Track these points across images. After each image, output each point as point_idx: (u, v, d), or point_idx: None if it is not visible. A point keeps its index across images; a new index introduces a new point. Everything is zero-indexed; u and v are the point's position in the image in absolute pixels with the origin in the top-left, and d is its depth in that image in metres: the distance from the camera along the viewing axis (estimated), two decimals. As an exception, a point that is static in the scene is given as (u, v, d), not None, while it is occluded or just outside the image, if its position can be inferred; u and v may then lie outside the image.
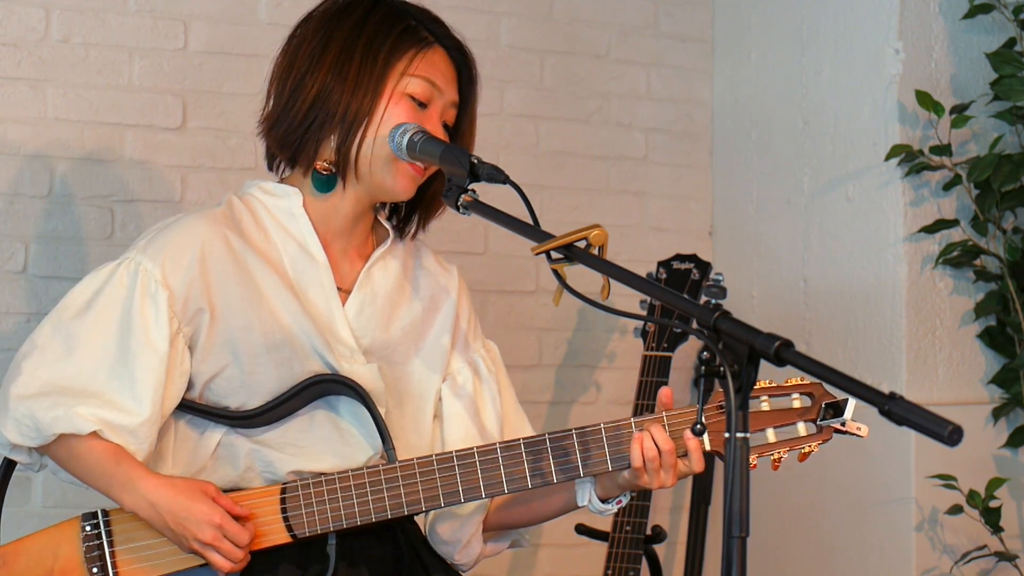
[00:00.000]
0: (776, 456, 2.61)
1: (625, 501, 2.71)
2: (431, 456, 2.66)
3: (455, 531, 2.81)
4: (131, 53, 3.64)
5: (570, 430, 2.64)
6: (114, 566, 2.66)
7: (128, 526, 2.67)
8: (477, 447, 2.66)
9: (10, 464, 2.76)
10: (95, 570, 2.67)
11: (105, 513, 2.68)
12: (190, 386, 2.71)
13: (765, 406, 2.63)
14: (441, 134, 2.74)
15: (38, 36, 3.55)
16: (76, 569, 2.67)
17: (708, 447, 2.62)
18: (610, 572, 3.75)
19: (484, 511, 2.82)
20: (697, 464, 2.61)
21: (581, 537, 3.92)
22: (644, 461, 2.59)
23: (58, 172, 3.56)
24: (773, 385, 2.63)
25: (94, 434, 2.63)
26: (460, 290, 2.90)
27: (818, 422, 2.61)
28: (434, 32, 2.79)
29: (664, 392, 2.65)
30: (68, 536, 2.69)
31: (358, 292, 2.78)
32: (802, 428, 2.62)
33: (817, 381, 2.62)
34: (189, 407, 2.71)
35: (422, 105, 2.74)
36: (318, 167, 2.74)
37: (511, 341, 4.06)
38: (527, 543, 2.96)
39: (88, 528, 2.68)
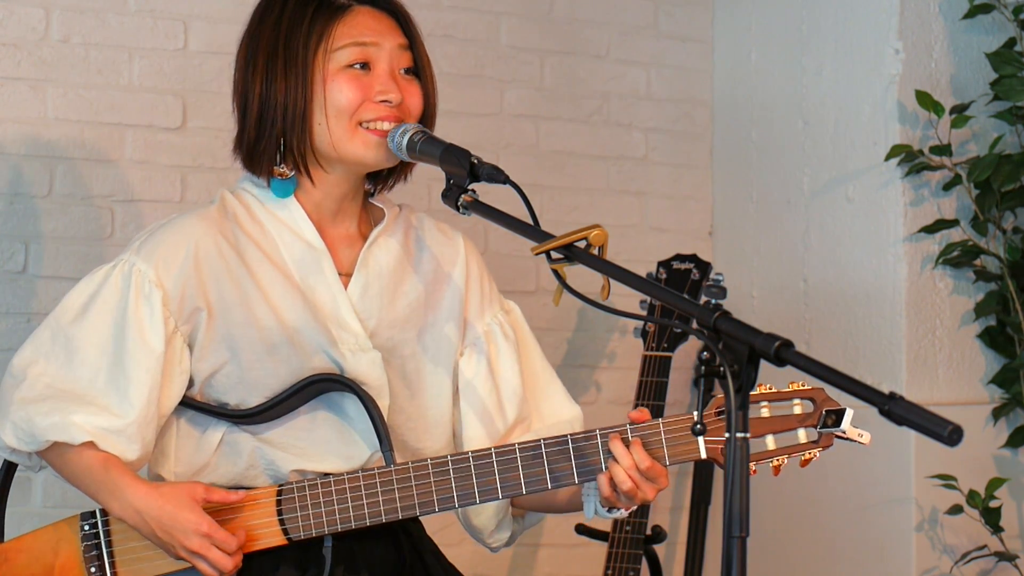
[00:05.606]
0: (776, 463, 2.59)
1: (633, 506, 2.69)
2: (426, 460, 2.64)
3: (484, 520, 2.81)
4: (131, 53, 3.64)
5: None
6: (112, 567, 2.67)
7: (126, 526, 2.67)
8: (472, 452, 2.64)
9: (11, 466, 2.77)
10: (93, 570, 2.67)
11: (104, 513, 2.69)
12: (189, 384, 2.71)
13: (765, 412, 2.59)
14: (396, 88, 2.70)
15: (38, 36, 3.55)
16: (75, 568, 2.68)
17: (704, 455, 2.60)
18: (610, 572, 3.75)
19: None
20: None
21: (581, 537, 3.92)
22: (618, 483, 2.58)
23: (58, 172, 3.56)
24: (773, 391, 2.59)
25: (87, 442, 2.63)
26: (468, 256, 2.85)
27: (819, 429, 2.57)
28: None
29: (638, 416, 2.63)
30: (68, 534, 2.69)
31: (359, 273, 2.74)
32: (803, 435, 2.58)
33: (819, 386, 2.59)
34: (189, 404, 2.71)
35: (364, 67, 2.71)
36: (276, 174, 2.74)
37: (511, 341, 4.06)
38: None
39: (87, 528, 2.68)
